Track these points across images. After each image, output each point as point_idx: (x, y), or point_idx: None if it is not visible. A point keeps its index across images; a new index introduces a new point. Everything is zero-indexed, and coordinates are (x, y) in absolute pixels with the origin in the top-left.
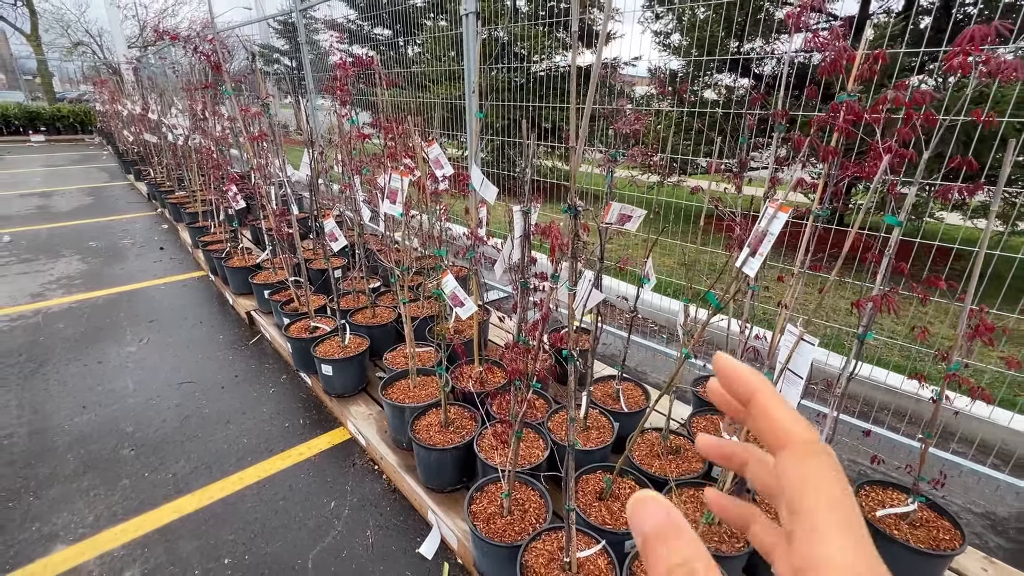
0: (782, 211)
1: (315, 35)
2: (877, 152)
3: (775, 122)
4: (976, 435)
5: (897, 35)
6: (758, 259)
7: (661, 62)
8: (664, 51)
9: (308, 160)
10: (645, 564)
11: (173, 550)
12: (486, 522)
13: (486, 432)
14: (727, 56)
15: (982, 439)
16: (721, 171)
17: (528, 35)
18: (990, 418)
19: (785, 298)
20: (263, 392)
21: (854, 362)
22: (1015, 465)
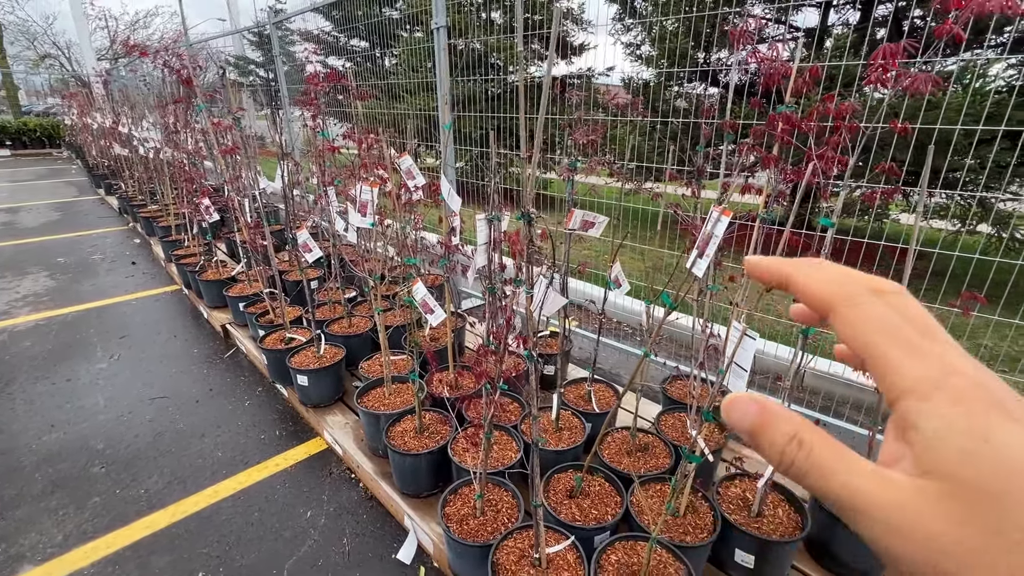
0: (725, 215)
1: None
2: (810, 158)
3: (724, 132)
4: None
5: (854, 46)
6: (705, 260)
7: (634, 72)
8: (636, 62)
9: (281, 172)
10: (760, 454)
11: (145, 566)
12: (459, 523)
13: (460, 436)
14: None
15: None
16: (678, 178)
17: (503, 46)
18: None
19: (736, 297)
20: (239, 405)
21: (801, 354)
22: None
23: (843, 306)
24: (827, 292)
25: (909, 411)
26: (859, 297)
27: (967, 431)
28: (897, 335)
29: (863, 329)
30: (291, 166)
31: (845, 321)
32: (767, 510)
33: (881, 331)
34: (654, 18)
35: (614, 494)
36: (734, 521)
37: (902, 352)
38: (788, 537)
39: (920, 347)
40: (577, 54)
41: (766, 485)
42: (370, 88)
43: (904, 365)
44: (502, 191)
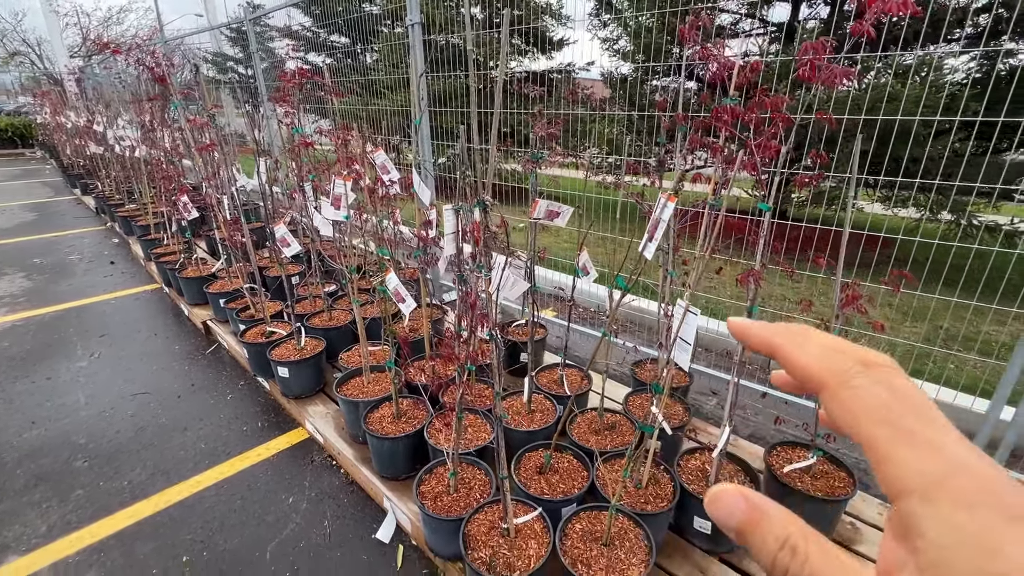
0: (670, 200)
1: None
2: (750, 147)
3: (678, 124)
4: None
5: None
6: (654, 244)
7: (612, 67)
8: (614, 56)
9: (260, 169)
10: (751, 554)
11: (130, 553)
12: (434, 500)
13: (435, 420)
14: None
15: None
16: (638, 169)
17: (483, 41)
18: None
19: (689, 280)
20: (220, 399)
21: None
22: None
23: (837, 387)
24: (818, 369)
25: (913, 514)
26: (852, 377)
27: (977, 545)
28: (898, 425)
29: (862, 419)
30: (270, 163)
31: (841, 405)
32: (724, 479)
33: (881, 422)
34: (629, 13)
35: (581, 470)
36: (692, 490)
37: (905, 446)
38: None
39: (922, 437)
40: (557, 49)
41: (721, 455)
42: (351, 84)
43: (907, 461)
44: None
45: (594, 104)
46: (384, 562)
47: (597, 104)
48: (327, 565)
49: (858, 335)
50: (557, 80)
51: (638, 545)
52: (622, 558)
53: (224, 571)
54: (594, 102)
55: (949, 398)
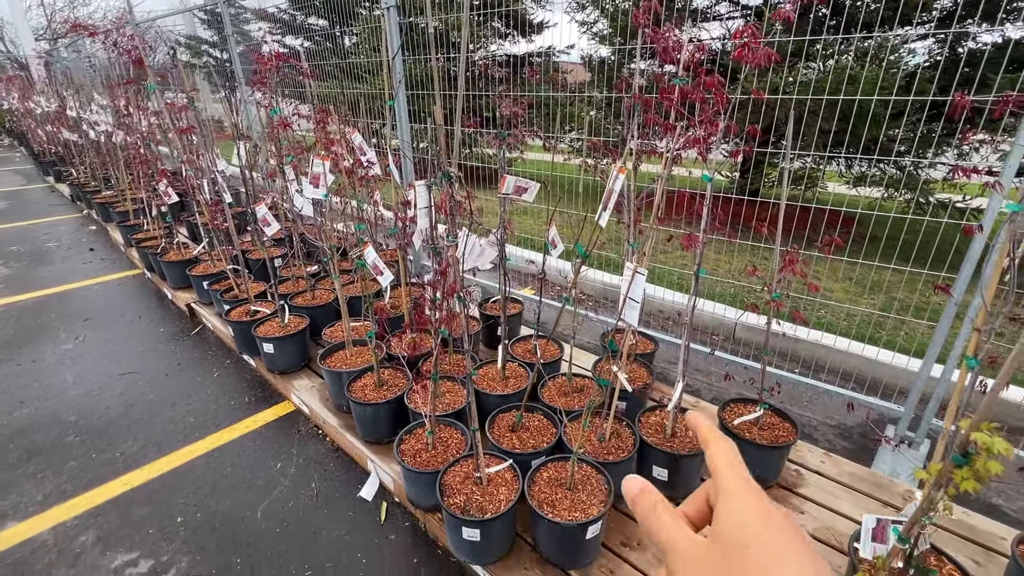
0: (620, 172)
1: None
2: (694, 123)
3: (635, 103)
4: (814, 358)
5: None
6: (607, 212)
7: (591, 50)
8: (592, 39)
9: (240, 152)
10: (636, 514)
11: (126, 516)
12: (413, 457)
13: (415, 386)
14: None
15: (829, 364)
16: (601, 147)
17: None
18: (817, 340)
19: (643, 247)
20: (207, 376)
21: (694, 299)
22: (860, 383)
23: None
24: (725, 476)
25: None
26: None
27: (752, 517)
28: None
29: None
30: (249, 147)
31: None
32: (679, 432)
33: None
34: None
35: (550, 427)
36: (651, 442)
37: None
38: (695, 451)
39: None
40: (537, 32)
41: (675, 409)
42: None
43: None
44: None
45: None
46: (368, 518)
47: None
48: (315, 521)
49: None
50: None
51: (599, 488)
52: (584, 499)
53: (217, 528)
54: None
55: (888, 359)
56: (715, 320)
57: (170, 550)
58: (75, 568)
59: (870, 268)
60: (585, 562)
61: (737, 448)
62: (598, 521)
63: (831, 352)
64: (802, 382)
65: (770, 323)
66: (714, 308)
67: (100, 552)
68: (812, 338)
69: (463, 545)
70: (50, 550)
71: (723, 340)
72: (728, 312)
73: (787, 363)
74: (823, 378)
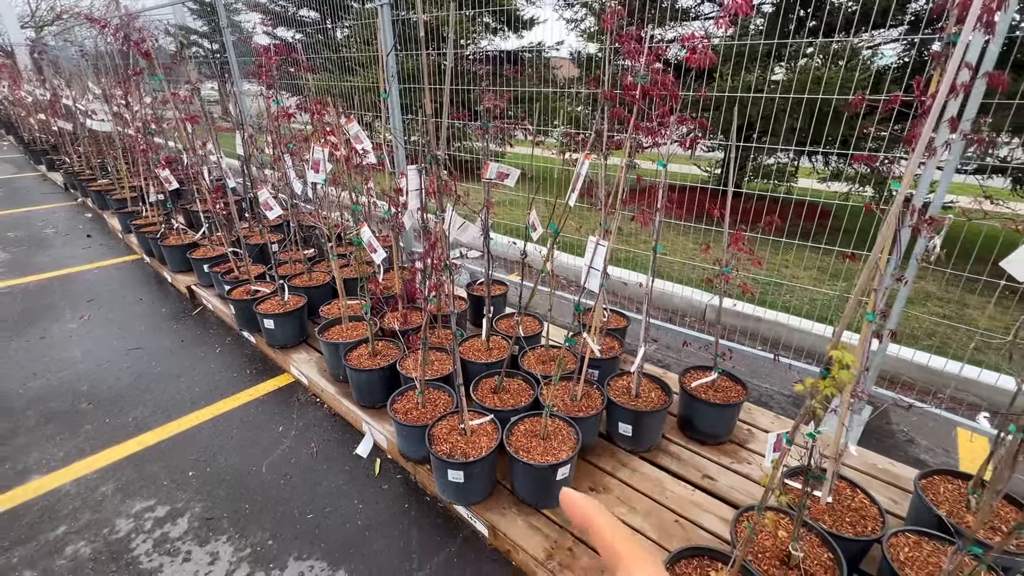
0: (586, 159)
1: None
2: (650, 117)
3: (604, 100)
4: (779, 338)
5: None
6: (575, 194)
7: (580, 47)
8: (581, 36)
9: (239, 141)
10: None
11: (142, 470)
12: (404, 414)
13: (407, 356)
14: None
15: (784, 340)
16: (575, 139)
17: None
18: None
19: (611, 226)
20: (210, 352)
21: (651, 279)
22: (808, 355)
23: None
24: (620, 549)
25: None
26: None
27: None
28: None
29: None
30: (248, 137)
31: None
32: (644, 393)
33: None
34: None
35: (528, 390)
36: (617, 401)
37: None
38: (655, 408)
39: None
40: (528, 28)
41: (639, 372)
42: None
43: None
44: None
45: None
46: (363, 472)
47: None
48: (315, 475)
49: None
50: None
51: (569, 439)
52: (555, 447)
53: (226, 480)
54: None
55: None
56: (685, 302)
57: (184, 498)
58: (99, 513)
59: (828, 254)
60: (556, 503)
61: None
62: (567, 464)
63: (790, 331)
64: (749, 352)
65: (722, 296)
66: (683, 291)
67: (120, 500)
68: (773, 319)
69: (448, 487)
70: (74, 499)
71: (694, 321)
72: (695, 294)
73: (749, 340)
74: (786, 355)
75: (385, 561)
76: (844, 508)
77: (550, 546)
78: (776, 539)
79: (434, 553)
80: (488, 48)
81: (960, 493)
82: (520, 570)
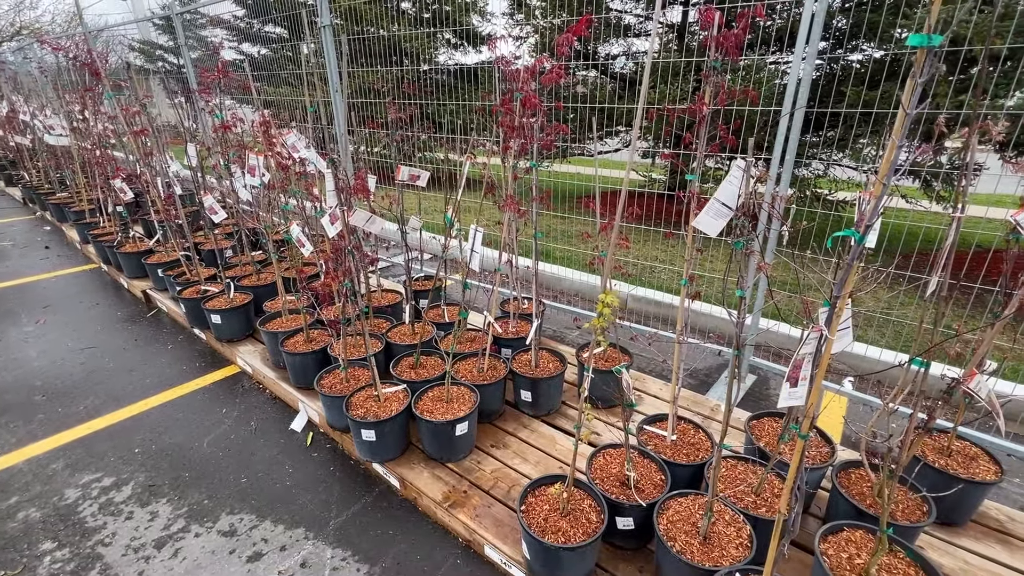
0: (468, 159)
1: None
2: (557, 127)
3: (497, 111)
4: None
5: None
6: (459, 191)
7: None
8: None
9: (191, 152)
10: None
11: (90, 450)
12: (330, 388)
13: (338, 343)
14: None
15: (695, 323)
16: (476, 147)
17: (412, 36)
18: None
19: (527, 231)
20: (162, 349)
21: (536, 255)
22: (720, 336)
23: None
24: None
25: None
26: None
27: None
28: None
29: None
30: (201, 149)
31: None
32: (543, 364)
33: None
34: (534, 19)
35: (443, 365)
36: (518, 371)
37: None
38: (551, 375)
39: None
40: (484, 44)
41: (535, 344)
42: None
43: None
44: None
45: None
46: (297, 444)
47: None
48: (252, 447)
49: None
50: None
51: (470, 401)
52: (456, 408)
53: (170, 455)
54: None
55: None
56: (580, 284)
57: (129, 470)
58: (48, 485)
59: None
60: (459, 456)
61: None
62: (464, 420)
63: (699, 316)
64: (637, 329)
65: (606, 278)
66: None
67: (69, 474)
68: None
69: (364, 446)
70: (26, 475)
71: (619, 311)
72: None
73: (662, 325)
74: (693, 336)
75: (308, 512)
76: (685, 443)
77: (448, 490)
78: (621, 468)
79: (351, 503)
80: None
81: (779, 430)
82: (424, 513)
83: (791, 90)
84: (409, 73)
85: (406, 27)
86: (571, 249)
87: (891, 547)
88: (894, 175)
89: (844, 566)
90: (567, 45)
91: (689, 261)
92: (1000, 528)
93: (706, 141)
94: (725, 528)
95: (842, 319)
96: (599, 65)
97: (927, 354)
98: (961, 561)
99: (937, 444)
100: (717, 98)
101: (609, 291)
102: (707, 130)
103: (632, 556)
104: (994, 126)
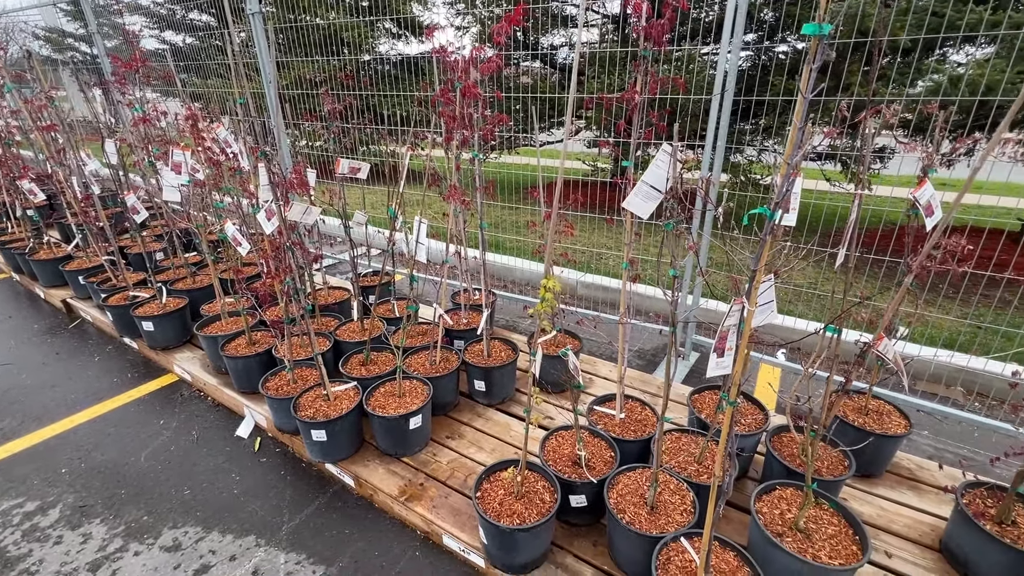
0: (409, 150)
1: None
2: (498, 117)
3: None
4: (639, 306)
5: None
6: (401, 183)
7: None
8: (474, 42)
9: (110, 150)
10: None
11: (9, 474)
12: (276, 391)
13: (283, 344)
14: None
15: (640, 306)
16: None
17: (351, 26)
18: (634, 291)
19: (472, 224)
20: (88, 361)
21: (483, 244)
22: (648, 315)
23: None
24: None
25: None
26: None
27: None
28: None
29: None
30: (123, 146)
31: None
32: (495, 353)
33: None
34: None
35: (394, 361)
36: (471, 362)
37: None
38: (502, 364)
39: None
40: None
41: (486, 333)
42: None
43: None
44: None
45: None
46: (244, 450)
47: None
48: (194, 457)
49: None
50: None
51: (424, 394)
52: (408, 401)
53: (102, 472)
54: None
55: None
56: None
57: (55, 492)
58: None
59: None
60: (415, 450)
61: None
62: (417, 414)
63: (643, 298)
64: (582, 313)
65: (549, 265)
66: (522, 263)
67: None
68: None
69: (315, 447)
70: None
71: (569, 298)
72: (532, 265)
73: (611, 309)
74: (639, 319)
75: (258, 519)
76: (633, 420)
77: (404, 484)
78: (573, 448)
79: (304, 506)
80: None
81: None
82: (381, 509)
83: (719, 79)
84: (349, 64)
85: (344, 15)
86: (522, 239)
87: (817, 500)
88: (799, 156)
89: (777, 521)
90: (504, 34)
91: (629, 245)
92: (911, 476)
93: (641, 128)
94: (671, 497)
95: (763, 292)
96: (542, 56)
97: (838, 320)
98: (878, 508)
99: (856, 404)
100: (648, 87)
101: (551, 276)
102: (642, 118)
103: (587, 532)
104: (887, 110)
